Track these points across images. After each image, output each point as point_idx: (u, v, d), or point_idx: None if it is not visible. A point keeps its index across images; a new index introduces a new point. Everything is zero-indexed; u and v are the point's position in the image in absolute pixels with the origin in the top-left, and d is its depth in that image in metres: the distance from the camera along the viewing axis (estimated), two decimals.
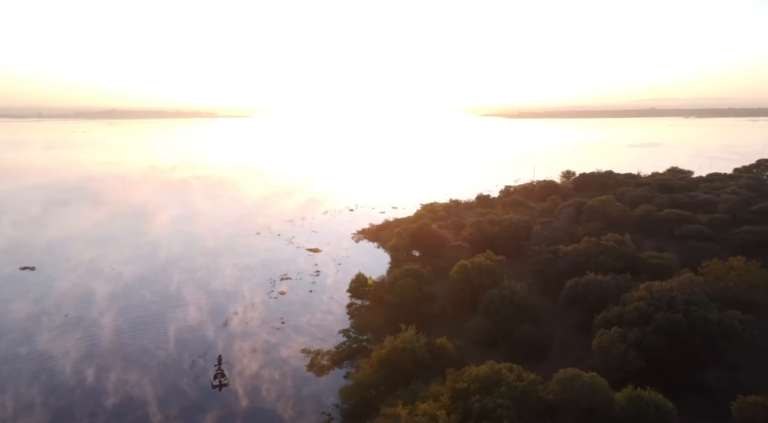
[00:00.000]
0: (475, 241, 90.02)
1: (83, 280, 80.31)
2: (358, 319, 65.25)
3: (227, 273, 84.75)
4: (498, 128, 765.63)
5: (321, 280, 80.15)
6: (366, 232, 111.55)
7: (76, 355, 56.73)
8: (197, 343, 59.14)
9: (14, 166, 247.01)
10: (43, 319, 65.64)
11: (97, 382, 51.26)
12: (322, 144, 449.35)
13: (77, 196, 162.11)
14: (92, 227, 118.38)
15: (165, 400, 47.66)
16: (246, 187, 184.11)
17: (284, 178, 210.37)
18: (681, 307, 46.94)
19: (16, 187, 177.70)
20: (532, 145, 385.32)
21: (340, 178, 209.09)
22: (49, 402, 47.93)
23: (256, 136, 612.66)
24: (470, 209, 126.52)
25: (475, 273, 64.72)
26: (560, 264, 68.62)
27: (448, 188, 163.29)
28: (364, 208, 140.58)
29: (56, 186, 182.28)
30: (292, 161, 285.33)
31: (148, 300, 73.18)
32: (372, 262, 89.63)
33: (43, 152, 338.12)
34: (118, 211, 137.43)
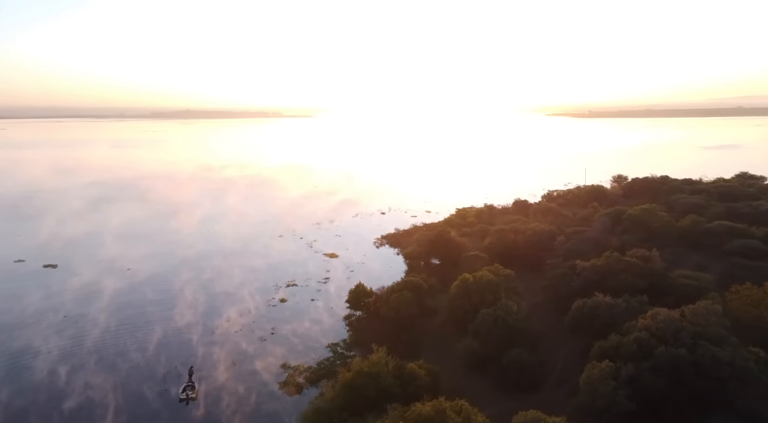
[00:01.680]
0: (495, 251, 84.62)
1: (96, 278, 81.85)
2: (352, 333, 62.16)
3: (235, 275, 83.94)
4: (563, 128, 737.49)
5: (327, 288, 77.64)
6: (390, 237, 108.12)
7: (56, 353, 57.25)
8: (179, 350, 57.96)
9: (76, 164, 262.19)
10: (43, 317, 66.87)
11: (63, 383, 51.23)
12: (376, 144, 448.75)
13: (122, 194, 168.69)
14: (125, 225, 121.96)
15: (124, 409, 46.53)
16: (287, 187, 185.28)
17: (328, 178, 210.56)
18: (688, 340, 40.59)
19: (69, 185, 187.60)
20: (596, 147, 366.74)
21: (382, 179, 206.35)
22: (7, 399, 48.20)
23: (314, 135, 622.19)
24: (505, 215, 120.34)
25: (475, 288, 59.91)
26: (574, 281, 62.52)
27: (492, 191, 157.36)
28: (397, 212, 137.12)
29: (106, 184, 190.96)
30: (340, 161, 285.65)
31: (147, 300, 73.42)
32: (387, 270, 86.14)
33: (109, 150, 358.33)
34: (155, 209, 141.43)
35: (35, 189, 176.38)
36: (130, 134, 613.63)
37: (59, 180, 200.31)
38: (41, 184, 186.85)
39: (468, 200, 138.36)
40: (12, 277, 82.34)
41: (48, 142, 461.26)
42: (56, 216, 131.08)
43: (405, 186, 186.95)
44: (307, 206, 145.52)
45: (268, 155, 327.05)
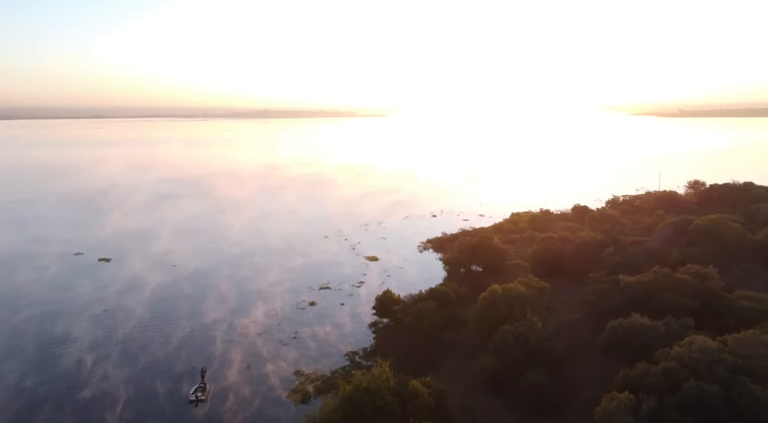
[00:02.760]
0: (540, 260, 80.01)
1: (143, 273, 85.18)
2: (373, 342, 60.36)
3: (271, 274, 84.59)
4: (646, 129, 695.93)
5: (359, 293, 76.26)
6: (435, 241, 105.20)
7: (87, 344, 59.95)
8: (201, 347, 58.82)
9: (152, 162, 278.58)
10: (86, 308, 70.20)
11: (85, 373, 53.30)
12: (446, 144, 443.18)
13: (186, 190, 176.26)
14: (183, 220, 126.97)
15: (134, 403, 47.58)
16: (345, 187, 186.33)
17: (387, 179, 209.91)
18: (725, 375, 35.49)
19: (141, 181, 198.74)
20: (678, 149, 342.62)
21: (442, 181, 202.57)
22: (32, 386, 50.66)
23: (384, 135, 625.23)
24: (562, 221, 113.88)
25: (503, 301, 56.29)
26: (616, 298, 57.28)
27: (556, 195, 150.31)
28: (449, 215, 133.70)
29: (174, 180, 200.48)
30: (405, 161, 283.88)
31: (183, 295, 75.59)
32: (425, 276, 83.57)
33: (184, 149, 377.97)
34: (213, 206, 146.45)
35: (112, 184, 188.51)
36: (208, 133, 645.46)
37: (134, 176, 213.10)
38: (118, 180, 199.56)
39: (527, 204, 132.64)
40: (68, 269, 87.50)
41: (133, 141, 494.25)
42: (122, 211, 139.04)
43: (463, 188, 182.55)
44: (359, 206, 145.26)
45: (334, 154, 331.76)
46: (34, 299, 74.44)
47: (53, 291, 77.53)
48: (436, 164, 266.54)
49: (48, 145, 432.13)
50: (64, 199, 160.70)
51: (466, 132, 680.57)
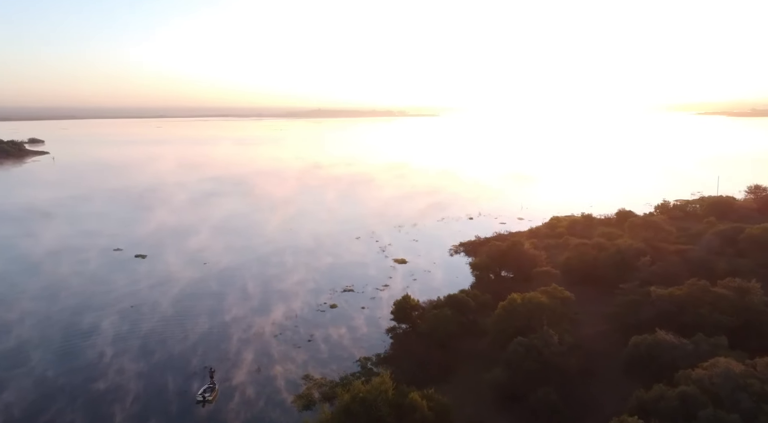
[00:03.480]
0: (572, 267, 76.58)
1: (174, 270, 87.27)
2: (388, 348, 59.07)
3: (297, 275, 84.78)
4: (713, 129, 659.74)
5: (382, 296, 75.08)
6: (468, 244, 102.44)
7: (110, 337, 61.64)
8: (217, 345, 59.42)
9: (200, 160, 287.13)
10: (115, 302, 72.42)
11: (102, 366, 54.82)
12: (493, 143, 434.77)
13: (228, 189, 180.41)
14: (221, 219, 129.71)
15: (142, 399, 48.44)
16: (385, 186, 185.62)
17: (429, 179, 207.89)
18: (748, 403, 32.14)
19: (187, 179, 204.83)
20: (745, 151, 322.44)
21: (485, 182, 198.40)
22: (53, 376, 52.67)
23: (433, 134, 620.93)
24: (605, 227, 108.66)
25: (522, 311, 53.77)
26: (645, 311, 53.66)
27: (603, 199, 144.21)
28: (486, 217, 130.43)
29: (218, 179, 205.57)
30: (449, 160, 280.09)
31: (209, 292, 76.91)
32: (452, 281, 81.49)
33: (232, 148, 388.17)
34: (251, 204, 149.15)
35: (161, 182, 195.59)
36: (260, 132, 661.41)
37: (182, 174, 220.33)
38: (167, 178, 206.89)
39: (571, 208, 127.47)
40: (106, 264, 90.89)
41: (188, 139, 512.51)
42: (167, 208, 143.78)
43: (506, 189, 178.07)
44: (396, 207, 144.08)
45: (379, 154, 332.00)
46: (72, 292, 77.71)
47: (89, 284, 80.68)
48: (481, 164, 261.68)
49: (112, 143, 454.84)
50: (116, 195, 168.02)
51: (519, 131, 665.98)
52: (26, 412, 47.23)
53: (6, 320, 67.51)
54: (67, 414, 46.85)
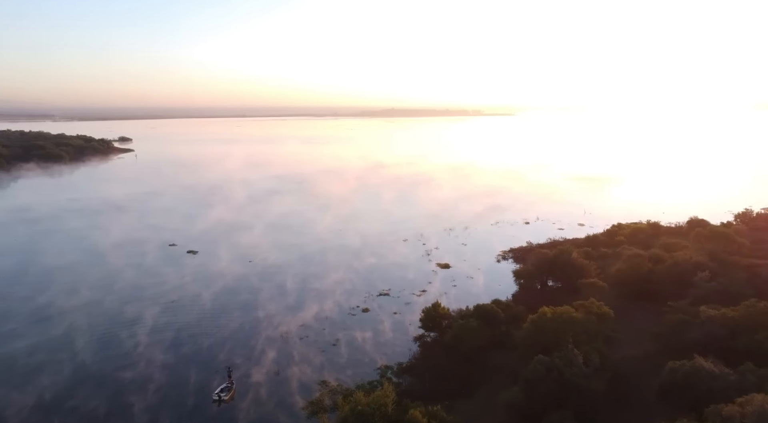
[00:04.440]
0: (623, 280, 70.97)
1: (220, 266, 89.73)
2: (412, 358, 57.10)
3: (336, 275, 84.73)
4: None
5: (418, 302, 73.05)
6: (518, 251, 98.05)
7: (147, 329, 64.40)
8: (245, 343, 60.40)
9: (267, 159, 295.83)
10: (159, 296, 75.39)
11: (133, 356, 57.35)
12: (572, 143, 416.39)
13: (287, 187, 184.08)
14: (276, 217, 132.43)
15: (163, 391, 50.05)
16: (445, 187, 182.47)
17: (494, 180, 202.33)
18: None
19: (250, 177, 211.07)
20: None
21: (551, 184, 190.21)
22: (90, 362, 55.76)
23: (507, 134, 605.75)
24: (672, 235, 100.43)
25: (551, 326, 50.12)
26: (693, 333, 48.42)
27: (680, 205, 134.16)
28: (544, 222, 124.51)
29: (281, 177, 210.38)
30: (518, 161, 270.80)
31: (249, 289, 78.76)
32: (494, 288, 78.08)
33: (299, 146, 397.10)
34: (308, 203, 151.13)
35: (228, 179, 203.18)
36: (331, 131, 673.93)
37: (249, 172, 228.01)
38: (234, 175, 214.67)
39: (640, 214, 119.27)
40: (160, 258, 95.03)
41: (262, 138, 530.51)
42: (227, 205, 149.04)
43: (572, 193, 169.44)
44: (451, 209, 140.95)
45: (446, 153, 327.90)
46: (125, 283, 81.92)
47: (141, 277, 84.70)
48: (552, 166, 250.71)
49: (192, 141, 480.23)
50: (185, 191, 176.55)
51: (603, 131, 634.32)
52: (56, 395, 49.88)
53: (64, 307, 72.11)
54: (91, 401, 49.01)
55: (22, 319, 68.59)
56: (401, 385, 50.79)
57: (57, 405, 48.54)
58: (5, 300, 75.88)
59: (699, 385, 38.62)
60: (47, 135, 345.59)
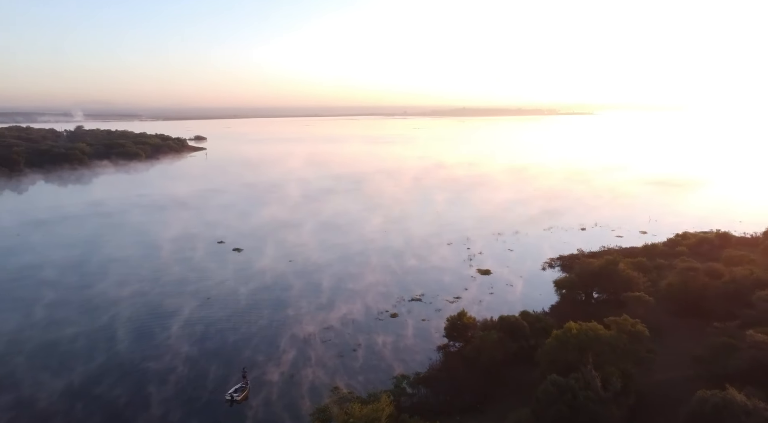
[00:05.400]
0: (673, 295, 65.40)
1: (262, 265, 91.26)
2: (431, 368, 55.09)
3: (372, 277, 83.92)
4: None
5: (449, 309, 70.56)
6: (566, 258, 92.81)
7: (180, 323, 66.22)
8: (271, 340, 61.20)
9: (327, 158, 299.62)
10: (197, 292, 77.75)
11: (162, 348, 59.42)
12: (654, 143, 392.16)
13: (344, 187, 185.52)
14: (325, 216, 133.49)
15: (179, 384, 51.25)
16: (503, 189, 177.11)
17: (557, 182, 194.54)
18: None
19: (308, 176, 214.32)
20: None
21: (617, 187, 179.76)
22: (124, 351, 58.38)
23: (583, 133, 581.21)
24: (743, 247, 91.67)
25: (575, 344, 46.53)
26: (737, 358, 43.40)
27: (759, 214, 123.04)
28: (602, 229, 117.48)
29: (338, 176, 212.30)
30: (590, 162, 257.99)
31: (284, 287, 79.91)
32: (534, 298, 74.36)
33: (362, 146, 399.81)
34: (360, 203, 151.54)
35: (286, 178, 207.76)
36: (398, 130, 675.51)
37: (308, 171, 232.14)
38: (293, 174, 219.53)
39: (713, 222, 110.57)
40: (206, 255, 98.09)
41: (327, 137, 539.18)
42: (281, 203, 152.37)
43: (641, 197, 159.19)
44: (505, 212, 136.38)
45: (511, 154, 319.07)
46: (171, 278, 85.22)
47: (186, 272, 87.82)
48: (625, 168, 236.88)
49: (261, 140, 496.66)
50: (244, 189, 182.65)
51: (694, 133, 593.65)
52: (85, 382, 52.40)
53: (113, 298, 76.10)
54: (115, 389, 51.15)
55: (74, 308, 72.92)
56: (414, 396, 49.08)
57: (84, 391, 50.89)
58: (66, 289, 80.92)
59: (729, 420, 34.39)
60: (130, 134, 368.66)
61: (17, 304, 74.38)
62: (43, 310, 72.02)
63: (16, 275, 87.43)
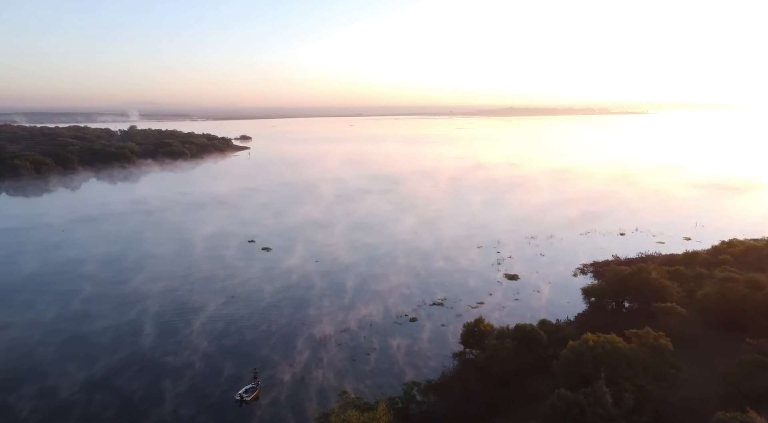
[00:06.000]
0: (710, 307, 61.64)
1: (290, 264, 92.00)
2: (445, 375, 53.83)
3: (396, 279, 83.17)
4: None
5: (471, 314, 68.60)
6: (599, 265, 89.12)
7: (202, 320, 67.56)
8: (288, 341, 61.43)
9: (365, 158, 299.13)
10: (225, 289, 79.12)
11: (180, 344, 60.53)
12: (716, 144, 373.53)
13: (379, 187, 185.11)
14: (358, 216, 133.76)
15: (193, 380, 52.18)
16: (544, 191, 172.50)
17: (601, 184, 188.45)
18: None
19: (344, 176, 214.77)
20: None
21: (665, 190, 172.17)
22: (148, 345, 60.06)
23: (636, 134, 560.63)
24: None
25: (590, 357, 44.39)
26: (765, 378, 40.37)
27: None
28: (643, 234, 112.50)
29: (374, 177, 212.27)
30: (640, 163, 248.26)
31: (309, 285, 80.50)
32: (561, 305, 71.83)
33: (402, 146, 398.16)
34: (394, 203, 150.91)
35: (322, 178, 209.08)
36: (440, 130, 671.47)
37: (345, 171, 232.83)
38: (330, 174, 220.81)
39: (766, 230, 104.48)
40: (236, 254, 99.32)
41: (368, 137, 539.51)
42: (315, 203, 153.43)
43: (690, 201, 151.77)
44: (539, 215, 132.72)
45: (556, 154, 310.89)
46: (200, 275, 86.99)
47: (215, 270, 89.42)
48: (676, 170, 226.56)
49: (304, 140, 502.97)
50: (282, 188, 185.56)
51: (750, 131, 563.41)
52: (106, 374, 53.95)
53: (144, 294, 78.40)
54: (133, 382, 52.43)
55: (107, 302, 75.53)
56: (423, 404, 48.10)
57: (103, 383, 52.47)
58: (102, 283, 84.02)
59: None
60: (179, 134, 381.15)
61: (57, 296, 77.67)
62: (79, 304, 74.91)
63: (60, 269, 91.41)
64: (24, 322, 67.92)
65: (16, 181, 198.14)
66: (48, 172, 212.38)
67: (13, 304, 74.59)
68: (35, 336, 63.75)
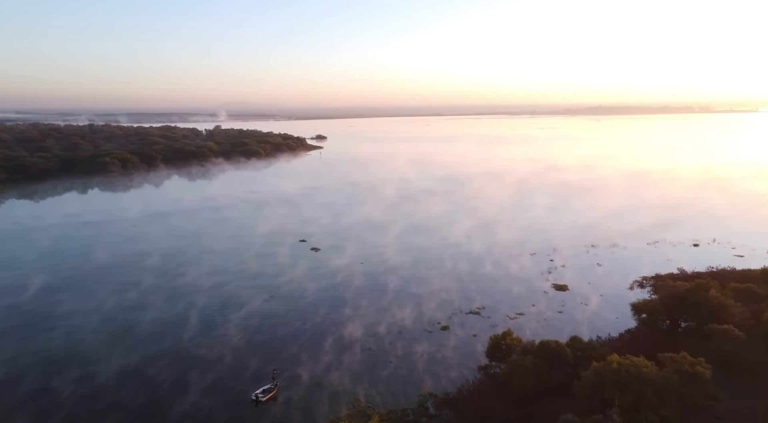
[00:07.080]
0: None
1: (336, 264, 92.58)
2: (462, 389, 51.63)
3: (438, 283, 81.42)
4: None
5: (507, 325, 65.44)
6: (661, 278, 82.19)
7: (239, 315, 69.56)
8: (318, 341, 61.99)
9: (435, 158, 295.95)
10: (268, 287, 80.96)
11: (213, 338, 62.51)
12: None
13: (444, 188, 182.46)
14: (416, 218, 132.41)
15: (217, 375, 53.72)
16: (619, 195, 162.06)
17: (684, 188, 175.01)
18: None
19: (409, 176, 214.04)
20: None
21: (756, 197, 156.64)
22: (186, 338, 62.52)
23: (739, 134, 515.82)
24: None
25: (612, 381, 40.73)
26: None
27: None
28: (720, 245, 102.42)
29: (440, 178, 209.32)
30: (735, 169, 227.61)
31: (350, 286, 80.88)
32: (610, 321, 67.08)
33: (473, 146, 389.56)
34: (455, 205, 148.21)
35: (388, 178, 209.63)
36: (517, 130, 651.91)
37: (411, 171, 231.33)
38: (396, 174, 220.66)
39: None
40: (286, 252, 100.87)
41: (443, 136, 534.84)
42: (377, 203, 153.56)
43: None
44: (606, 222, 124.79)
45: (640, 156, 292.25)
46: (249, 272, 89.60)
47: (263, 267, 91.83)
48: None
49: (377, 139, 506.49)
50: (348, 188, 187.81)
51: None
52: (141, 364, 56.64)
53: (196, 288, 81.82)
54: (164, 373, 54.83)
55: (161, 294, 79.80)
56: (435, 417, 46.52)
57: (137, 373, 55.30)
58: (161, 276, 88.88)
59: None
60: (257, 133, 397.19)
61: (117, 287, 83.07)
62: (136, 295, 79.69)
63: (125, 261, 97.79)
64: (85, 310, 73.15)
65: (106, 177, 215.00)
66: (133, 169, 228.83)
67: (80, 293, 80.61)
68: (91, 323, 68.47)
